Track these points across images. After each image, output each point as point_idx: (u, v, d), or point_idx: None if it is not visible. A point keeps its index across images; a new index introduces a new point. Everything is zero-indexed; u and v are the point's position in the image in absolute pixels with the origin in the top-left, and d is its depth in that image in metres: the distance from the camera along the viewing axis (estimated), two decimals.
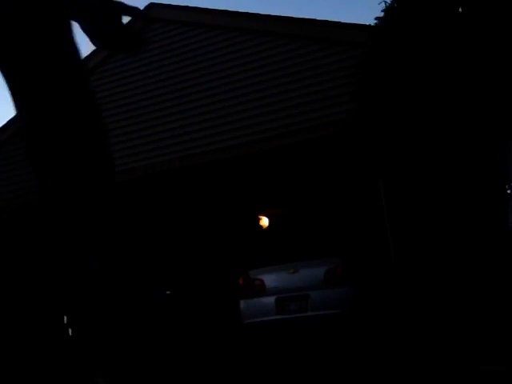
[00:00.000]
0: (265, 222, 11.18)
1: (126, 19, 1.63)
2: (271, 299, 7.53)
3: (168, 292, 9.47)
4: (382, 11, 6.49)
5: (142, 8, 9.79)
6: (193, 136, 8.88)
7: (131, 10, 1.64)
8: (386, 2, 6.45)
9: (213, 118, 8.83)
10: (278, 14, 8.92)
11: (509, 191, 4.51)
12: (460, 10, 5.70)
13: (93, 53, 9.83)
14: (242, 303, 7.83)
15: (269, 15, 8.89)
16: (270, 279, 7.74)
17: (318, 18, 8.59)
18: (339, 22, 8.38)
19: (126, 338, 1.61)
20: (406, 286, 6.92)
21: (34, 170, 1.63)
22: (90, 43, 1.61)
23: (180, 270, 10.51)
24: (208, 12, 9.31)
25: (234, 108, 8.73)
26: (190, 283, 10.21)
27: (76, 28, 1.63)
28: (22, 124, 1.71)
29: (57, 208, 1.72)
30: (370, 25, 6.94)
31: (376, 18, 6.65)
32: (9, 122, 10.43)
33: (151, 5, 9.72)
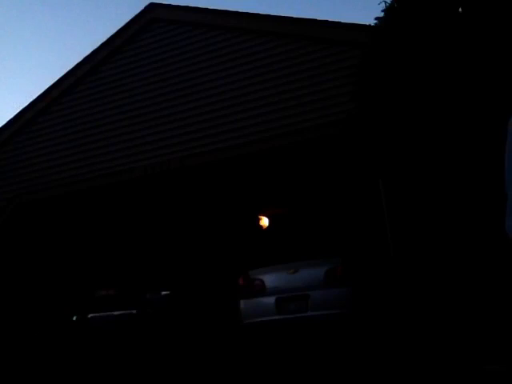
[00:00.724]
0: (265, 221, 11.18)
1: None
2: (271, 299, 7.51)
3: (165, 292, 9.46)
4: (382, 11, 6.48)
5: (142, 8, 9.81)
6: (193, 136, 8.87)
7: None
8: (386, 2, 6.44)
9: (213, 118, 8.83)
10: (278, 14, 8.92)
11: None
12: (460, 10, 5.69)
13: (93, 52, 9.84)
14: (242, 303, 7.82)
15: (269, 15, 8.88)
16: (269, 279, 7.72)
17: (318, 18, 8.59)
18: (339, 22, 8.37)
19: None
20: (407, 286, 6.91)
21: None
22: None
23: (180, 270, 10.51)
24: (208, 12, 9.30)
25: (233, 108, 8.72)
26: (190, 283, 10.20)
27: None
28: None
29: None
30: (370, 25, 6.93)
31: (376, 18, 6.64)
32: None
33: (151, 5, 9.71)
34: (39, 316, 9.08)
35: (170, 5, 9.73)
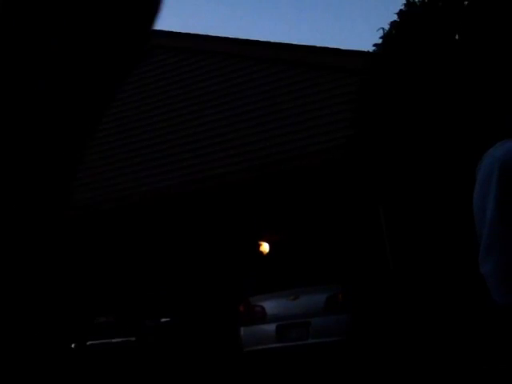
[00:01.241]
0: (265, 248, 11.11)
1: None
2: (272, 326, 7.43)
3: (164, 319, 9.36)
4: (381, 38, 6.52)
5: None
6: (191, 162, 8.87)
7: None
8: (384, 29, 6.48)
9: (211, 144, 8.83)
10: (277, 41, 9.00)
11: None
12: (457, 36, 5.72)
13: None
14: (243, 330, 7.73)
15: (268, 42, 8.95)
16: (270, 306, 7.65)
17: (318, 45, 8.66)
18: (339, 49, 8.43)
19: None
20: (408, 313, 6.84)
21: None
22: None
23: (179, 298, 10.42)
24: (208, 39, 9.38)
25: (234, 134, 8.74)
26: (190, 310, 10.12)
27: None
28: None
29: None
30: (368, 51, 6.97)
31: (374, 45, 6.67)
32: None
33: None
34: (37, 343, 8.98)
35: (170, 31, 9.79)
